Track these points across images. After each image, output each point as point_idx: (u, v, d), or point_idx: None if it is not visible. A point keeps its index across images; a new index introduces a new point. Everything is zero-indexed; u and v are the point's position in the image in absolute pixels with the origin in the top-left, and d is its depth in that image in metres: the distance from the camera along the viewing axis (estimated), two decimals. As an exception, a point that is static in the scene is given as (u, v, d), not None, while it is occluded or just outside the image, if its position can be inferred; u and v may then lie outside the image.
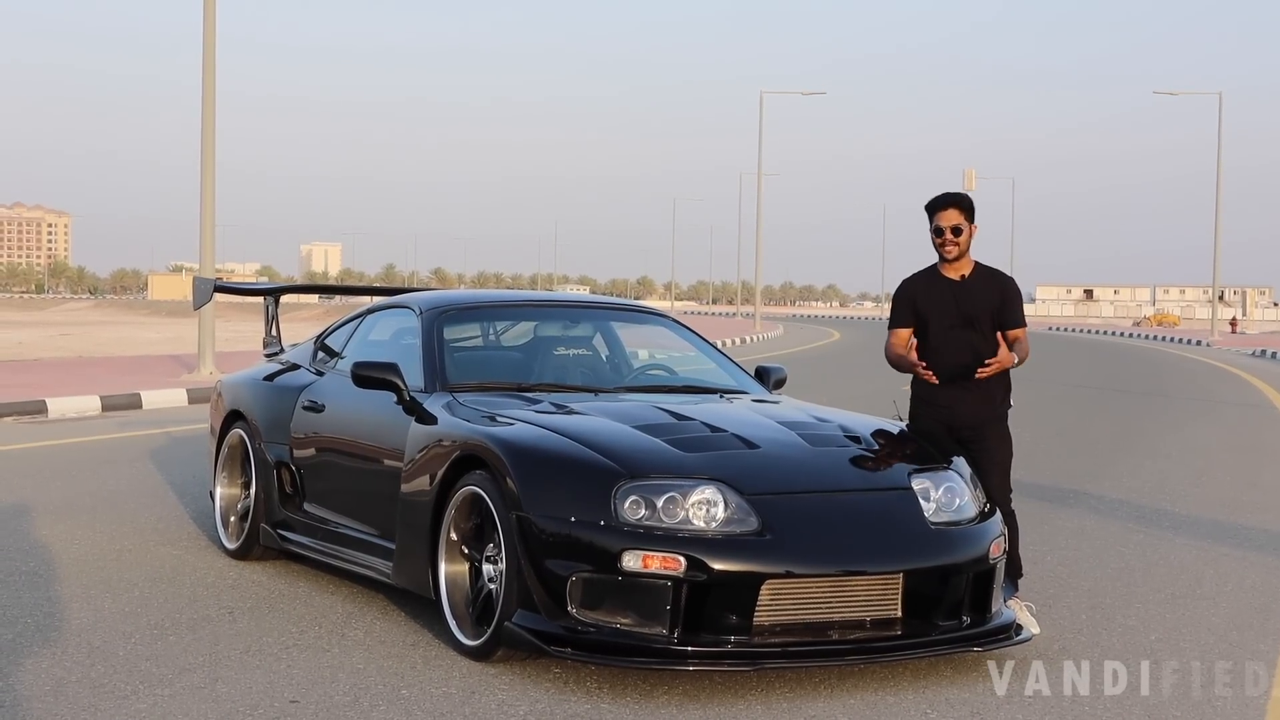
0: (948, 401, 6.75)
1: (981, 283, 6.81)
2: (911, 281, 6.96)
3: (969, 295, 6.76)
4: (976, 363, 6.66)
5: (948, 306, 6.76)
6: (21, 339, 44.47)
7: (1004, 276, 6.88)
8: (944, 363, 6.76)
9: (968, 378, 6.70)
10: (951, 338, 6.75)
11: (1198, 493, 11.34)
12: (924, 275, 6.93)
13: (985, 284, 6.81)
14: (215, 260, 23.19)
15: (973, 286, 6.79)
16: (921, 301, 6.85)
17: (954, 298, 6.77)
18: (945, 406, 6.75)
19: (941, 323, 6.78)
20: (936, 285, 6.83)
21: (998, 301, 6.76)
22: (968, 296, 6.76)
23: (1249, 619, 6.91)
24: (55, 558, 7.73)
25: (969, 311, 6.73)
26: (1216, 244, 60.96)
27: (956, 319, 6.75)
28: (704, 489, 5.59)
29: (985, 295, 6.77)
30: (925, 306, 6.83)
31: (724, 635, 5.39)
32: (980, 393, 6.72)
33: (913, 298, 6.89)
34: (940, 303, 6.79)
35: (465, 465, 6.03)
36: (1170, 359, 41.27)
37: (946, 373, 6.74)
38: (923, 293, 6.87)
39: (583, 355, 7.69)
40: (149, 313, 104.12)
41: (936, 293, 6.82)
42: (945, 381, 6.76)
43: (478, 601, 5.92)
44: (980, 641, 5.83)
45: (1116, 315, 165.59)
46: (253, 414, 8.04)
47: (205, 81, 23.02)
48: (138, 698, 5.23)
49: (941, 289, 6.81)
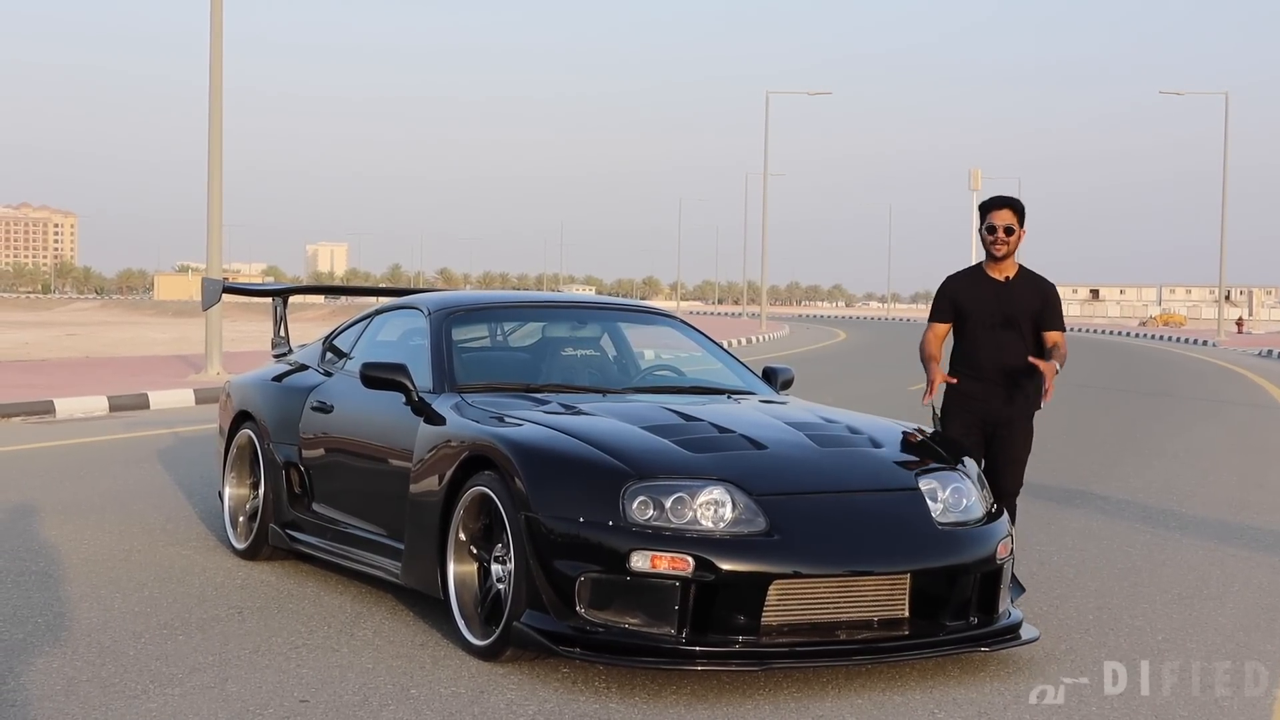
0: (984, 396, 6.94)
1: (1024, 286, 7.01)
2: (956, 278, 7.16)
3: (1011, 297, 6.96)
4: (1014, 362, 6.87)
5: (989, 306, 6.96)
6: (28, 339, 44.55)
7: (1046, 282, 7.08)
8: (980, 360, 6.97)
9: (1003, 376, 6.91)
10: (990, 337, 6.95)
11: (1204, 493, 11.35)
12: (968, 273, 7.14)
13: (1028, 287, 7.01)
14: (222, 260, 23.22)
15: (1016, 288, 6.98)
16: (963, 298, 7.04)
17: (996, 298, 6.96)
18: (981, 401, 6.94)
19: (982, 321, 6.98)
20: (980, 284, 7.03)
21: (1039, 305, 6.96)
22: (1010, 298, 6.95)
23: (1256, 619, 6.91)
24: (64, 558, 7.75)
25: (1010, 312, 6.93)
26: (1223, 244, 60.97)
27: (998, 319, 6.94)
28: (712, 489, 5.60)
29: (1027, 298, 6.97)
30: (967, 303, 7.02)
31: (732, 635, 5.41)
32: (1016, 391, 6.92)
33: (955, 294, 7.08)
34: (982, 301, 6.98)
35: (474, 466, 6.05)
36: (1176, 359, 41.25)
37: (984, 370, 6.95)
38: (965, 290, 7.06)
39: (590, 356, 7.71)
40: (155, 313, 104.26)
41: (979, 291, 7.01)
42: (983, 379, 6.95)
43: (486, 601, 5.94)
44: (988, 642, 5.84)
45: (1123, 315, 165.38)
46: (261, 414, 8.06)
47: (212, 81, 23.04)
48: (148, 697, 5.25)
49: (985, 288, 7.01)
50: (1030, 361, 6.83)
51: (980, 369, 6.97)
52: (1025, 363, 6.87)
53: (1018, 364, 6.90)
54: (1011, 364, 6.91)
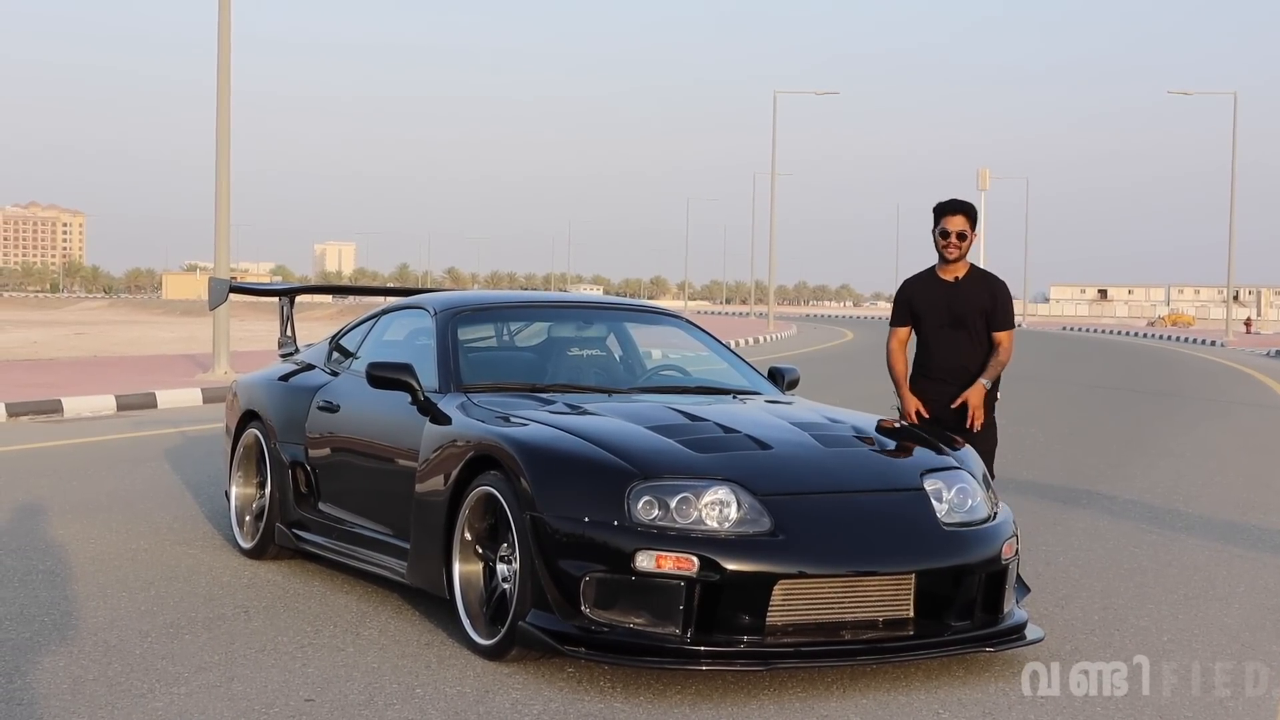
0: (936, 395, 7.21)
1: (974, 285, 7.24)
2: (910, 281, 7.42)
3: (961, 296, 7.20)
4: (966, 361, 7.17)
5: (940, 306, 7.22)
6: (36, 338, 44.62)
7: (996, 279, 7.30)
8: (933, 360, 7.26)
9: (955, 376, 7.18)
10: (942, 336, 7.22)
11: (1211, 494, 11.33)
12: (921, 276, 7.38)
13: (978, 286, 7.24)
14: (230, 260, 23.25)
15: (965, 288, 7.22)
16: (917, 301, 7.31)
17: (947, 298, 7.21)
18: (934, 400, 7.21)
19: (933, 321, 7.25)
20: (932, 286, 7.29)
21: (989, 304, 7.19)
22: (960, 298, 7.20)
23: (1262, 620, 6.91)
24: (71, 556, 7.77)
25: (959, 312, 7.18)
26: (1231, 244, 60.84)
27: (948, 319, 7.20)
28: (717, 489, 5.61)
29: (977, 296, 7.20)
30: (920, 306, 7.29)
31: (737, 635, 5.41)
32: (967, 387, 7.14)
33: (910, 297, 7.35)
34: (934, 302, 7.24)
35: (479, 465, 6.06)
36: (1184, 359, 41.18)
37: (936, 370, 7.23)
38: (919, 293, 7.32)
39: (596, 356, 7.71)
40: (163, 312, 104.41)
41: (931, 293, 7.27)
42: (935, 378, 7.24)
43: (492, 601, 5.95)
44: (992, 642, 5.84)
45: (1131, 315, 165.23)
46: (268, 414, 8.08)
47: (220, 80, 23.08)
48: (154, 696, 5.26)
49: (936, 289, 7.26)
50: (961, 397, 7.08)
51: (933, 369, 7.24)
52: (977, 361, 7.14)
53: (970, 363, 7.16)
54: (963, 363, 7.17)
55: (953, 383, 7.19)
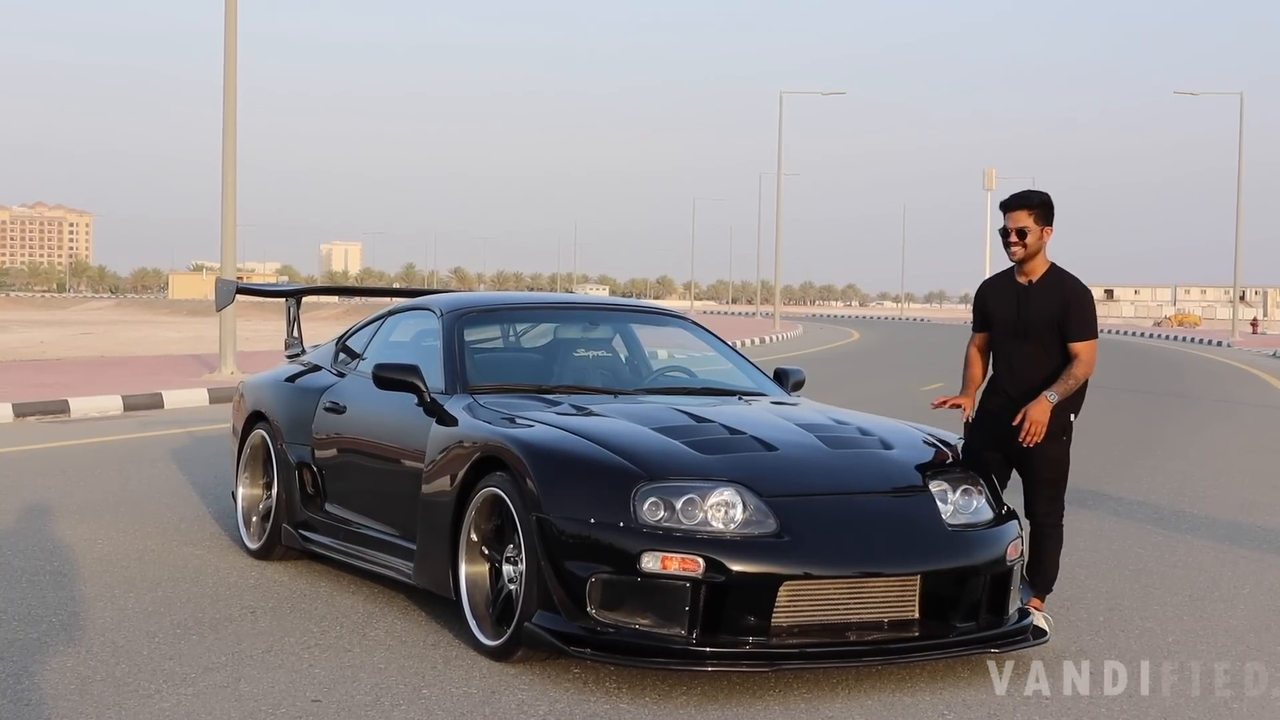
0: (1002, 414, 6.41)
1: (1046, 290, 6.39)
2: (987, 283, 6.68)
3: (1030, 302, 6.38)
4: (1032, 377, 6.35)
5: (1009, 312, 6.44)
6: (43, 338, 44.70)
7: (1073, 283, 6.42)
8: (1002, 373, 6.49)
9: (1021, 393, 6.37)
10: (1011, 347, 6.45)
11: (1217, 494, 11.33)
12: (999, 277, 6.63)
13: (1049, 291, 6.38)
14: (236, 260, 23.27)
15: (1035, 293, 6.40)
16: (990, 304, 6.56)
17: (1016, 303, 6.43)
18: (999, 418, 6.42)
19: (1003, 329, 6.48)
20: (1005, 289, 6.52)
21: (1058, 311, 6.33)
22: (1029, 303, 6.38)
23: (1267, 620, 6.91)
24: (78, 557, 7.79)
25: (1027, 319, 6.37)
26: (1238, 243, 60.80)
27: (1015, 328, 6.41)
28: (723, 491, 5.62)
29: (1045, 304, 6.36)
30: (993, 310, 6.54)
31: (742, 636, 5.42)
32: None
33: (984, 300, 6.61)
34: (1004, 307, 6.48)
35: (486, 466, 6.07)
36: (1191, 360, 41.15)
37: (1003, 384, 6.48)
38: (991, 296, 6.58)
39: (602, 357, 7.72)
40: (170, 312, 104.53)
41: (1002, 297, 6.51)
42: (1000, 394, 6.47)
43: (498, 602, 5.96)
44: (998, 643, 5.85)
45: (1137, 315, 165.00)
46: (275, 415, 8.09)
47: (226, 80, 23.10)
48: (161, 696, 5.28)
49: (1007, 293, 6.49)
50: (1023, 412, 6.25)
51: (1000, 383, 6.49)
52: (1044, 378, 6.31)
53: (1036, 379, 6.33)
54: (1029, 379, 6.34)
55: (1021, 400, 6.33)
